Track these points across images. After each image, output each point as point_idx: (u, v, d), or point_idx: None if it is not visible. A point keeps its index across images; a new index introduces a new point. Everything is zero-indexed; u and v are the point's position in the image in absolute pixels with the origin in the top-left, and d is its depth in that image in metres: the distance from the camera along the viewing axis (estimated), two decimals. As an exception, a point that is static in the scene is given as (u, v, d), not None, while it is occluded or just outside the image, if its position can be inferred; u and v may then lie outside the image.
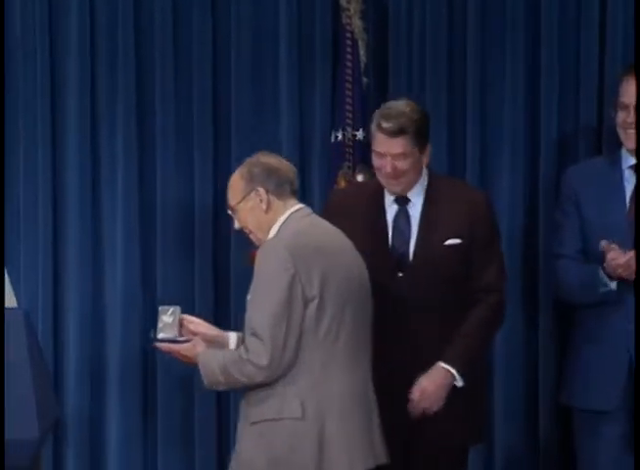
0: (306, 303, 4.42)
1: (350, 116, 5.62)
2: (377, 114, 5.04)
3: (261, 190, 4.63)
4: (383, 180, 5.01)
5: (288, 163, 4.69)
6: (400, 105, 5.04)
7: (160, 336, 4.85)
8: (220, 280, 6.06)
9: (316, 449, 4.43)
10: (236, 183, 4.75)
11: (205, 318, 5.14)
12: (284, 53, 5.79)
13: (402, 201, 5.00)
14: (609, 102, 5.64)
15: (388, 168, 4.91)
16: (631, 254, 5.16)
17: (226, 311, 6.05)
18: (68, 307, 5.93)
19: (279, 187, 4.61)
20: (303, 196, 5.51)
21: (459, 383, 5.07)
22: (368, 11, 5.63)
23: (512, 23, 5.88)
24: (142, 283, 5.94)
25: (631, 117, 5.27)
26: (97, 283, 5.93)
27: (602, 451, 5.41)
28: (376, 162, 4.97)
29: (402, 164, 4.88)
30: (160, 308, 4.86)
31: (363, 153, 5.59)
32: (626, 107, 5.25)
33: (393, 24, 5.76)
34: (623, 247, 5.19)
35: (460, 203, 5.10)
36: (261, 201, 4.61)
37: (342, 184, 5.58)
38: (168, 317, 4.89)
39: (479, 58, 5.82)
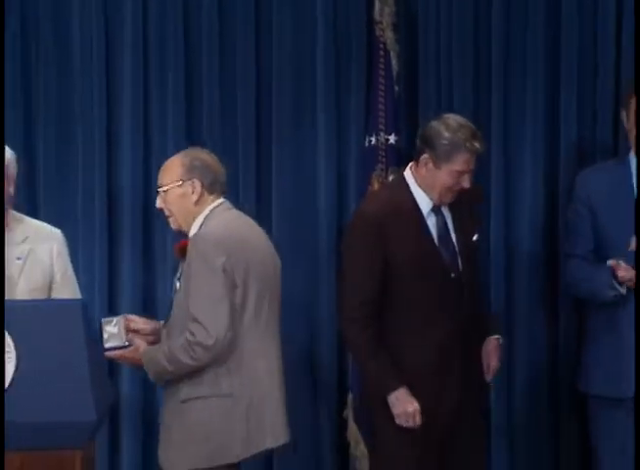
0: (234, 289, 4.65)
1: (383, 121, 5.71)
2: (458, 132, 5.03)
3: (197, 182, 4.81)
4: (446, 195, 5.06)
5: (221, 165, 4.87)
6: (465, 121, 5.08)
7: (108, 345, 4.96)
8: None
9: (244, 425, 4.65)
10: (175, 167, 4.91)
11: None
12: (321, 64, 5.90)
13: (437, 210, 5.10)
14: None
15: (468, 184, 5.04)
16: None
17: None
18: (123, 299, 6.06)
19: (212, 185, 4.80)
20: (340, 195, 5.96)
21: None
22: (399, 24, 5.77)
23: (533, 39, 5.96)
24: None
25: None
26: (149, 276, 6.05)
27: (616, 438, 5.48)
28: (449, 180, 5.02)
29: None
30: (102, 321, 4.96)
31: (395, 156, 5.74)
32: None
33: (423, 37, 5.90)
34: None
35: (469, 198, 5.23)
36: (193, 192, 4.80)
37: (376, 186, 5.66)
38: (113, 328, 4.99)
39: (501, 72, 5.92)
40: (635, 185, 5.50)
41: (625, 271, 5.26)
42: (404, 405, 5.03)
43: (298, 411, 5.66)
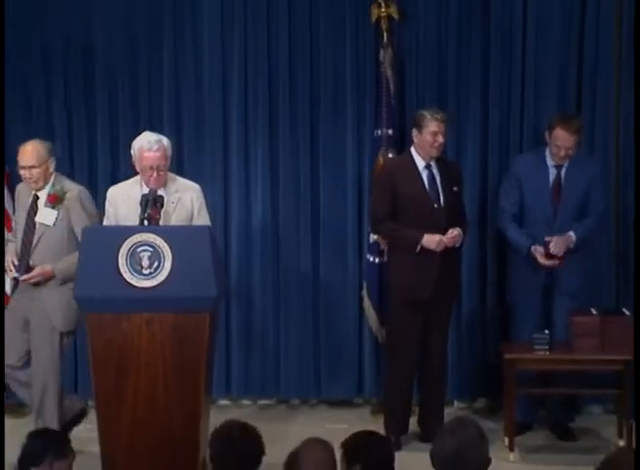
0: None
1: (385, 121, 6.11)
2: (428, 111, 5.55)
3: (52, 159, 5.37)
4: (431, 150, 5.50)
5: None
6: (435, 110, 5.60)
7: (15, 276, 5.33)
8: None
9: None
10: (39, 151, 5.32)
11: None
12: (350, 89, 6.30)
13: (428, 165, 5.60)
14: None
15: (442, 139, 5.50)
16: (553, 262, 5.58)
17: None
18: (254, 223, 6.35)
19: (54, 161, 5.38)
20: (360, 165, 6.32)
21: None
22: (395, 63, 6.09)
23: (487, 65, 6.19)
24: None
25: (562, 152, 5.58)
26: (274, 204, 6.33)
27: (520, 324, 5.82)
28: (430, 138, 5.47)
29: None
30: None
31: (391, 142, 6.10)
32: (558, 146, 5.60)
33: (408, 72, 6.24)
34: (544, 217, 5.65)
35: (452, 166, 5.77)
36: (49, 167, 5.34)
37: (381, 160, 6.05)
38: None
39: (455, 98, 6.22)
40: (550, 169, 5.71)
41: (555, 246, 5.59)
42: (432, 239, 5.47)
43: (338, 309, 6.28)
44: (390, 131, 6.13)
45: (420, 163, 5.61)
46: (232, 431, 3.71)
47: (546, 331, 5.58)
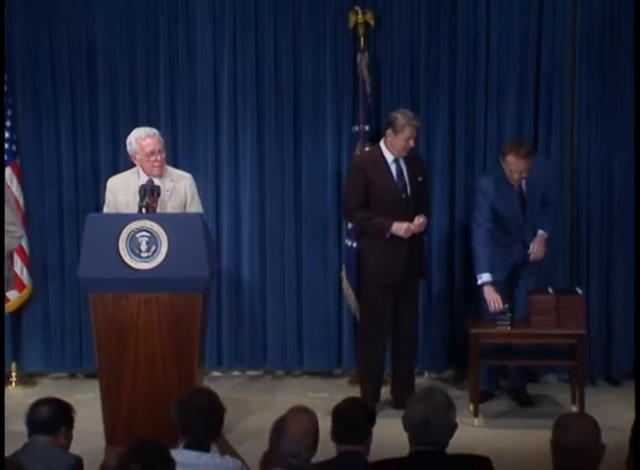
0: None
1: (362, 119, 6.11)
2: (405, 117, 5.48)
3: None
4: (402, 152, 5.50)
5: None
6: (410, 112, 5.59)
7: None
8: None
9: None
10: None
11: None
12: (331, 89, 6.26)
13: (396, 159, 5.61)
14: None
15: (413, 144, 5.50)
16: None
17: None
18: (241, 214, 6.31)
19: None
20: (339, 158, 6.29)
21: None
22: (370, 66, 6.08)
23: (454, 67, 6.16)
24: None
25: (516, 176, 5.50)
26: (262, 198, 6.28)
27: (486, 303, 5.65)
28: (403, 142, 5.47)
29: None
30: None
31: (367, 138, 6.08)
32: (512, 171, 5.51)
33: (383, 74, 6.23)
34: (517, 224, 5.61)
35: (417, 160, 5.78)
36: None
37: (358, 152, 6.06)
38: None
39: (425, 98, 6.20)
40: (514, 192, 5.62)
41: (535, 255, 5.64)
42: (401, 227, 5.46)
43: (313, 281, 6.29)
44: (367, 128, 6.14)
45: (389, 157, 5.63)
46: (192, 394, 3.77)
47: (508, 313, 5.60)
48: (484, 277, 5.63)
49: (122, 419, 4.81)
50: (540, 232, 5.76)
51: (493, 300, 5.60)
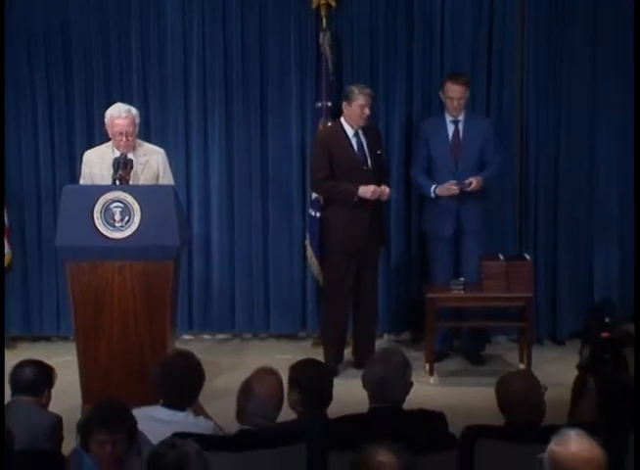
0: None
1: (324, 95, 6.11)
2: (357, 87, 5.57)
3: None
4: (359, 120, 5.53)
5: None
6: (363, 86, 5.63)
7: None
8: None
9: None
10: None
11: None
12: (295, 65, 6.26)
13: (356, 133, 5.65)
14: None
15: (368, 112, 5.55)
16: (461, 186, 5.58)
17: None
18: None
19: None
20: (303, 133, 6.25)
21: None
22: (332, 45, 6.10)
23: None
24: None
25: (455, 103, 5.64)
26: (230, 170, 6.26)
27: (439, 261, 5.87)
28: (358, 110, 5.52)
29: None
30: None
31: (330, 113, 6.08)
32: (451, 98, 5.68)
33: (344, 52, 6.24)
34: (448, 167, 5.70)
35: (375, 134, 5.81)
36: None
37: (321, 127, 6.04)
38: None
39: (383, 78, 6.21)
40: (449, 125, 5.78)
41: (476, 184, 5.62)
42: (367, 189, 5.49)
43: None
44: (329, 104, 6.13)
45: (349, 130, 5.65)
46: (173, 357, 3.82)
47: (462, 279, 5.66)
48: (434, 187, 5.73)
49: (98, 380, 4.80)
50: (477, 176, 5.72)
51: (450, 187, 5.65)
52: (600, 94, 6.23)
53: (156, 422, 3.40)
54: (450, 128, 5.82)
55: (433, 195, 5.79)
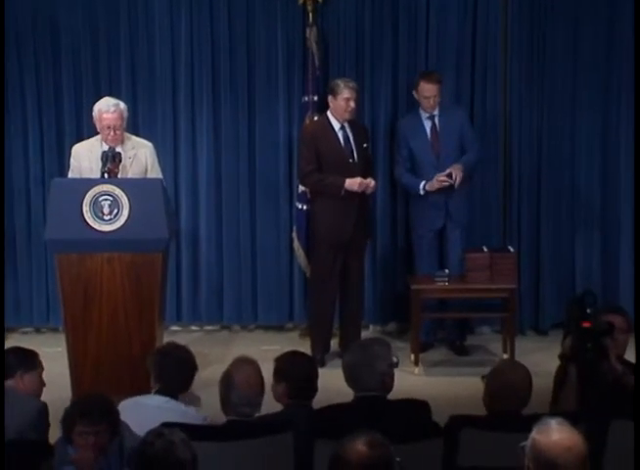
0: None
1: (311, 90, 6.09)
2: (342, 80, 5.56)
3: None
4: (344, 113, 5.52)
5: None
6: (348, 80, 5.66)
7: None
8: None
9: None
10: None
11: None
12: (282, 61, 6.24)
13: (342, 127, 5.65)
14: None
15: (354, 105, 5.54)
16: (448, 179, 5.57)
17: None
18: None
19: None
20: (290, 126, 6.23)
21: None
22: (319, 40, 6.08)
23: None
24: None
25: (431, 101, 5.65)
26: (217, 164, 6.24)
27: (425, 252, 5.87)
28: (343, 103, 5.51)
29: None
30: None
31: (316, 107, 6.05)
32: (426, 97, 5.69)
33: (331, 47, 6.24)
34: (430, 162, 5.70)
35: (362, 128, 5.83)
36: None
37: (308, 121, 6.02)
38: None
39: (369, 73, 6.18)
40: (425, 122, 5.78)
41: (455, 171, 5.62)
42: (354, 181, 5.50)
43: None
44: (316, 98, 6.12)
45: (336, 124, 5.64)
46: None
47: (446, 270, 5.65)
48: (423, 184, 5.71)
49: (87, 371, 4.80)
50: (455, 165, 5.70)
51: (440, 179, 5.63)
52: (582, 89, 6.25)
53: (149, 409, 3.47)
54: (427, 125, 5.83)
55: (422, 192, 5.79)
